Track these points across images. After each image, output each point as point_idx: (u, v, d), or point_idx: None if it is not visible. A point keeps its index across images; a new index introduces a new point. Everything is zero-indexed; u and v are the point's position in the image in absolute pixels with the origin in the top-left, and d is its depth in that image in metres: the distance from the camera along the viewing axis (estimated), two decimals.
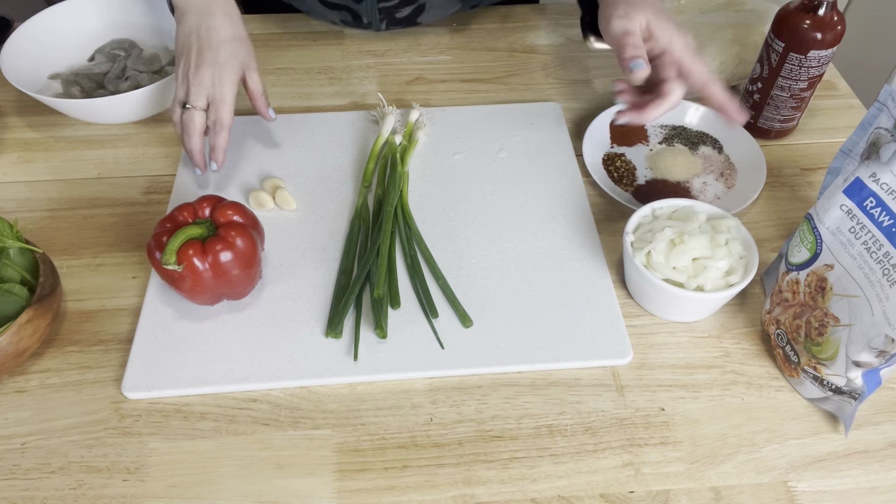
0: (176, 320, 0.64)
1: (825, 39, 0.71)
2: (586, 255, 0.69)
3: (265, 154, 0.79)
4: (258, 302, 0.65)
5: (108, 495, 0.54)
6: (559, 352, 0.62)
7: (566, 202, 0.74)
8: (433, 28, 0.98)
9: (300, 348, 0.62)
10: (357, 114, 0.84)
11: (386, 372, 0.60)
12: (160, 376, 0.60)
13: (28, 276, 0.61)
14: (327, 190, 0.76)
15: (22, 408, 0.59)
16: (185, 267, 0.58)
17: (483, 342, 0.62)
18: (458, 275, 0.67)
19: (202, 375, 0.60)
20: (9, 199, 0.75)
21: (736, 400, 0.60)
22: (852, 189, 0.54)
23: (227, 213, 0.61)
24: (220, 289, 0.61)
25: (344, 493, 0.54)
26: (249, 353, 0.61)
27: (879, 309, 0.51)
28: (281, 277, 0.67)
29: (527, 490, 0.55)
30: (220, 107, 0.69)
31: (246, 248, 0.60)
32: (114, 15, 0.89)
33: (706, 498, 0.54)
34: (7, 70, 0.78)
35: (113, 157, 0.80)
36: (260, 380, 0.60)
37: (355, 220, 0.71)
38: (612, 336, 0.63)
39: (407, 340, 0.62)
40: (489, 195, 0.75)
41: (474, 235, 0.71)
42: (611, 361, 0.62)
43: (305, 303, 0.65)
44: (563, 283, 0.67)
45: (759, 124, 0.81)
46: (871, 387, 0.55)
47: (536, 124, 0.83)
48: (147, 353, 0.61)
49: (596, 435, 0.58)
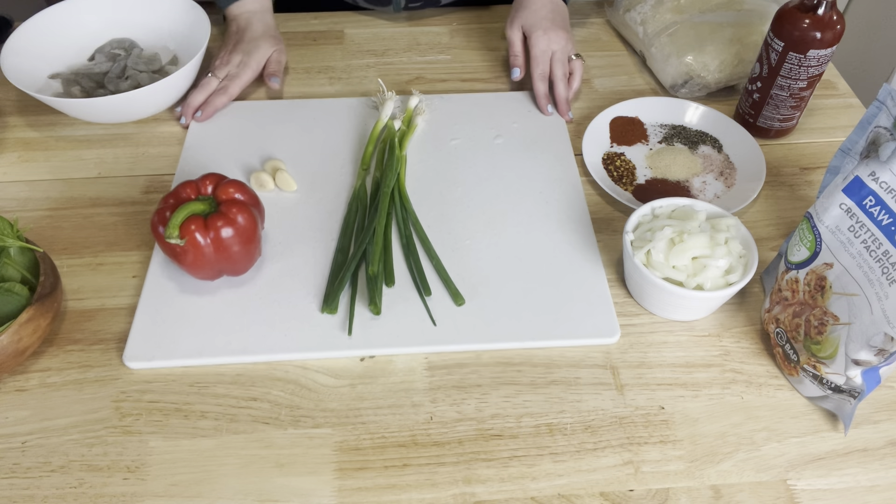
0: (177, 294, 0.65)
1: (824, 39, 0.71)
2: (578, 239, 0.71)
3: (267, 137, 0.81)
4: (257, 278, 0.67)
5: (108, 494, 0.54)
6: (548, 330, 0.63)
7: (560, 187, 0.76)
8: (433, 28, 0.98)
9: (296, 323, 0.63)
10: (357, 100, 0.86)
11: (379, 347, 0.62)
12: (161, 347, 0.61)
13: (28, 276, 0.61)
14: (327, 172, 0.77)
15: (22, 407, 0.59)
16: (187, 241, 0.59)
17: (475, 320, 0.64)
18: (451, 255, 0.69)
19: (201, 347, 0.62)
20: (9, 199, 0.75)
21: (735, 399, 0.60)
22: (852, 188, 0.54)
23: (229, 190, 0.63)
24: (221, 264, 0.62)
25: (344, 491, 0.54)
26: (247, 327, 0.63)
27: (879, 307, 0.51)
28: (280, 255, 0.69)
29: (527, 488, 0.55)
30: (232, 80, 0.84)
31: (246, 225, 0.61)
32: (114, 15, 0.89)
33: (706, 496, 0.54)
34: (7, 70, 0.78)
35: (113, 156, 0.80)
36: (257, 353, 0.61)
37: (353, 202, 0.73)
38: (601, 316, 0.64)
39: (400, 317, 0.64)
40: (485, 179, 0.77)
41: (469, 218, 0.73)
42: (599, 340, 0.63)
43: (303, 280, 0.67)
44: (554, 266, 0.68)
45: (759, 124, 0.81)
46: (871, 385, 0.55)
47: (533, 112, 0.85)
48: (149, 325, 0.63)
49: (596, 433, 0.58)
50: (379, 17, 1.00)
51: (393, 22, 0.99)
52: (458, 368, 0.62)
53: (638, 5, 0.92)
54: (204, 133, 0.82)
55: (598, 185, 0.76)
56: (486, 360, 0.62)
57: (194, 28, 0.86)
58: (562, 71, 0.85)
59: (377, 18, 1.00)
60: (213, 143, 0.80)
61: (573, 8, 1.02)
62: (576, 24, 0.99)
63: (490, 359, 0.62)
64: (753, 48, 0.84)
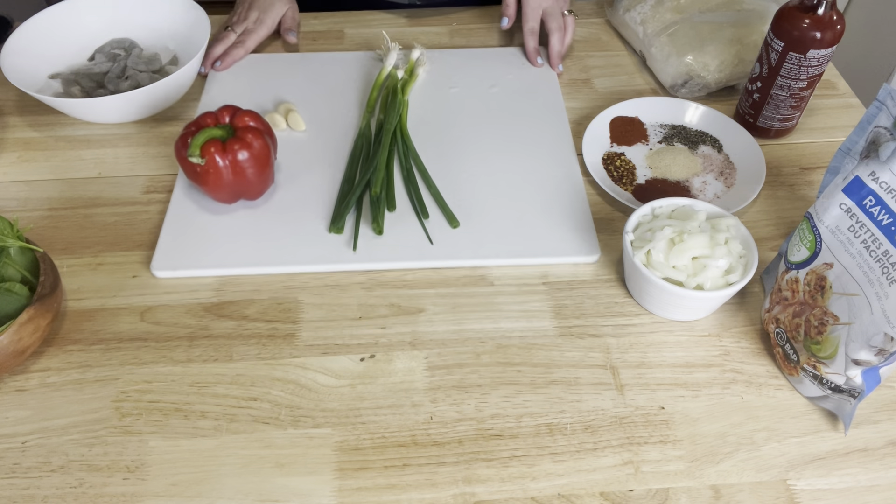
0: (199, 213, 0.73)
1: (824, 39, 0.71)
2: (563, 172, 0.78)
3: (280, 83, 0.89)
4: (270, 202, 0.74)
5: (108, 494, 0.54)
6: (534, 249, 0.70)
7: (549, 128, 0.83)
8: (432, 28, 0.98)
9: (306, 241, 0.70)
10: (364, 54, 0.94)
11: (380, 262, 0.69)
12: (184, 259, 0.69)
13: (28, 276, 0.61)
14: (334, 115, 0.85)
15: (22, 407, 0.59)
16: (207, 162, 0.66)
17: (468, 241, 0.71)
18: (448, 186, 0.76)
19: (220, 260, 0.69)
20: (9, 199, 0.75)
21: (735, 398, 0.60)
22: (851, 188, 0.54)
23: (245, 119, 0.69)
24: (238, 187, 0.69)
25: (344, 491, 0.54)
26: (262, 243, 0.70)
27: (879, 307, 0.51)
28: (291, 184, 0.76)
29: (527, 488, 0.55)
30: (249, 34, 0.91)
31: (261, 149, 0.68)
32: (114, 15, 0.89)
33: (706, 496, 0.54)
34: (7, 70, 0.78)
35: (113, 156, 0.80)
36: (271, 264, 0.68)
37: (359, 139, 0.80)
38: (583, 238, 0.71)
39: (400, 237, 0.71)
40: (480, 122, 0.84)
41: (465, 154, 0.80)
42: (580, 258, 0.70)
43: (312, 205, 0.74)
44: (542, 194, 0.75)
45: (759, 123, 0.81)
46: (871, 385, 0.55)
47: (528, 65, 0.92)
48: (173, 239, 0.70)
49: (596, 433, 0.58)
50: (379, 18, 1.00)
51: (393, 23, 0.99)
52: (458, 368, 0.62)
53: (638, 5, 0.92)
54: (222, 81, 0.89)
55: (598, 185, 0.76)
56: (486, 361, 0.62)
57: (194, 28, 0.86)
58: (556, 24, 0.89)
59: (377, 18, 1.00)
60: (230, 90, 0.88)
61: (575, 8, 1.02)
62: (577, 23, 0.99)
63: (490, 359, 0.62)
64: (753, 48, 0.84)
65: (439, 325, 0.65)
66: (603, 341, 0.64)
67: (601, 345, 0.63)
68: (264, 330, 0.64)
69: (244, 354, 0.63)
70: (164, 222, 0.71)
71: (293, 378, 0.61)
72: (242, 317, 0.65)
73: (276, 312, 0.66)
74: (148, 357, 0.62)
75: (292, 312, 0.66)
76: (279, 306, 0.66)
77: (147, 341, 0.63)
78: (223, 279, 0.68)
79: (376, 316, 0.65)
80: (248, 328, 0.64)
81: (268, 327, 0.64)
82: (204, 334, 0.64)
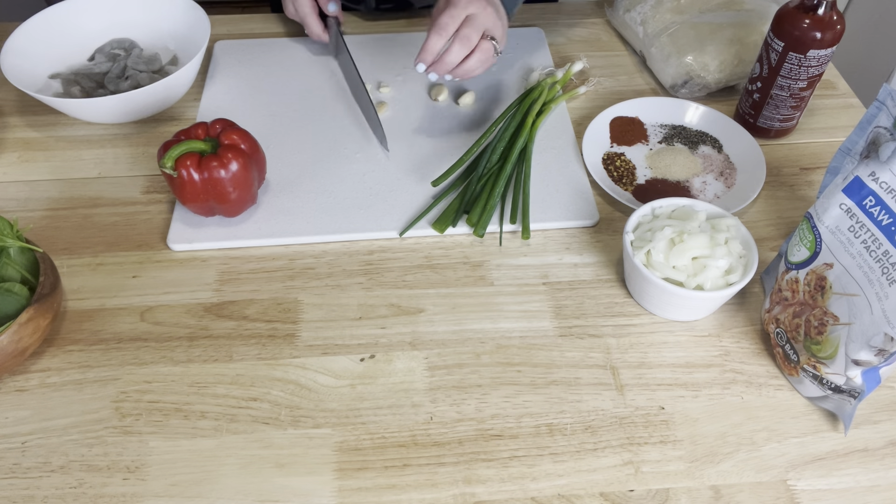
0: None
1: (824, 39, 0.71)
2: (563, 145, 0.81)
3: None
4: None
5: (108, 494, 0.54)
6: (540, 215, 0.73)
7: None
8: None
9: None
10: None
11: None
12: (197, 235, 0.71)
13: (28, 276, 0.61)
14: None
15: (22, 407, 0.59)
16: (179, 175, 0.66)
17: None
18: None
19: (230, 234, 0.71)
20: (9, 199, 0.75)
21: (735, 399, 0.60)
22: (852, 188, 0.54)
23: (233, 137, 0.68)
24: (212, 202, 0.69)
25: (344, 491, 0.54)
26: (271, 217, 0.73)
27: (879, 307, 0.51)
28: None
29: (527, 489, 0.55)
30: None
31: (239, 171, 0.67)
32: (114, 15, 0.89)
33: (706, 496, 0.54)
34: (7, 70, 0.78)
35: (113, 156, 0.80)
36: (278, 236, 0.71)
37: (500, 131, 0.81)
38: (583, 205, 0.74)
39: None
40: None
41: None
42: (580, 222, 0.73)
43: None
44: (542, 166, 0.78)
45: (759, 124, 0.81)
46: (871, 385, 0.55)
47: (521, 45, 0.94)
48: (186, 214, 0.73)
49: (596, 434, 0.58)
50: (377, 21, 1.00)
51: (393, 24, 0.99)
52: (457, 369, 0.62)
53: (638, 5, 0.92)
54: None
55: (599, 185, 0.76)
56: (486, 361, 0.62)
57: (194, 28, 0.86)
58: (469, 31, 0.72)
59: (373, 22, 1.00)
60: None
61: (573, 8, 1.02)
62: (576, 24, 0.99)
63: (490, 359, 0.62)
64: (753, 48, 0.84)
65: (439, 326, 0.65)
66: (603, 341, 0.64)
67: (601, 345, 0.63)
68: (264, 330, 0.64)
69: (244, 354, 0.63)
70: (178, 201, 0.73)
71: (293, 378, 0.61)
72: (242, 317, 0.65)
73: (276, 312, 0.66)
74: (148, 357, 0.62)
75: (292, 312, 0.66)
76: (279, 306, 0.66)
77: (147, 341, 0.63)
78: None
79: (376, 316, 0.65)
80: (248, 328, 0.64)
81: (268, 327, 0.64)
82: (204, 334, 0.64)
